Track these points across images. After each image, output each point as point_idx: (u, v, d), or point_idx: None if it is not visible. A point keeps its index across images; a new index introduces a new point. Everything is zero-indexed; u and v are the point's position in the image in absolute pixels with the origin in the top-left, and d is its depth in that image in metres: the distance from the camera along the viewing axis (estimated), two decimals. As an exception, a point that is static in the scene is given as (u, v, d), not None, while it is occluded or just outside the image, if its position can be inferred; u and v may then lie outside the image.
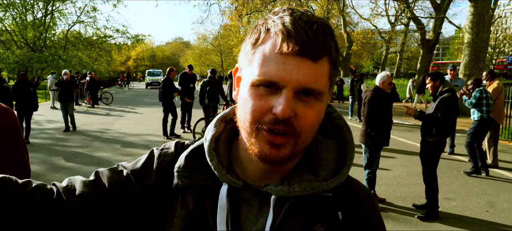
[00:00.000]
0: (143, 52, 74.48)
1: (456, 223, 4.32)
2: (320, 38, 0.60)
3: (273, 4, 21.36)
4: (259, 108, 0.62)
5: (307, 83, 0.60)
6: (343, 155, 0.73)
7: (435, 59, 60.42)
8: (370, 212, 0.74)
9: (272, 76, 0.60)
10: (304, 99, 0.62)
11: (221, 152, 0.72)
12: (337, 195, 0.70)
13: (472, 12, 13.81)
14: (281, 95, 0.60)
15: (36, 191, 0.69)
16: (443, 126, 4.40)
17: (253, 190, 0.71)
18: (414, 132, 10.57)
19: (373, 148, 4.77)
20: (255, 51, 0.64)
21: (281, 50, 0.60)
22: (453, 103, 4.36)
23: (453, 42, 55.55)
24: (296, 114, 0.61)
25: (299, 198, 0.68)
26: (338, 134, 0.75)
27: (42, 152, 7.79)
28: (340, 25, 33.33)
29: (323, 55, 0.61)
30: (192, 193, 0.72)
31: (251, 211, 0.70)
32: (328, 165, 0.70)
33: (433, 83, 4.57)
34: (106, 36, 36.75)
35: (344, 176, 0.70)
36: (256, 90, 0.62)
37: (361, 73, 14.91)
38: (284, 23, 0.60)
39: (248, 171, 0.71)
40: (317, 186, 0.67)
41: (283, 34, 0.60)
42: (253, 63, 0.63)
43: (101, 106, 18.23)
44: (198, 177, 0.71)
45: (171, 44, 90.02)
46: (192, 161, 0.73)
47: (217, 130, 0.74)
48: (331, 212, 0.70)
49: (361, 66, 57.50)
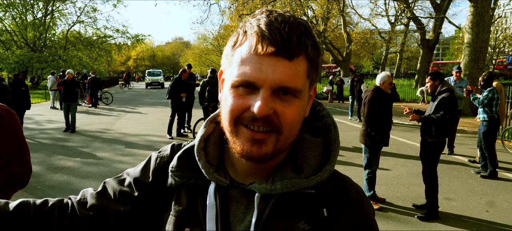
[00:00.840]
0: (143, 52, 74.51)
1: (456, 223, 4.32)
2: (294, 37, 0.61)
3: (273, 4, 21.36)
4: (238, 107, 0.64)
5: (283, 82, 0.62)
6: (328, 152, 0.74)
7: (435, 59, 60.43)
8: (357, 209, 0.73)
9: (249, 77, 0.62)
10: (283, 97, 0.63)
11: (210, 151, 0.75)
12: (321, 192, 0.71)
13: (472, 12, 13.82)
14: (259, 95, 0.62)
15: (53, 210, 0.77)
16: (442, 126, 4.40)
17: (240, 188, 0.72)
18: (414, 132, 10.57)
19: (373, 148, 4.77)
20: (233, 53, 0.66)
21: (257, 51, 0.62)
22: (452, 103, 4.36)
23: (453, 42, 55.53)
24: (275, 112, 0.63)
25: (283, 196, 0.69)
26: (326, 131, 0.77)
27: (42, 152, 7.79)
28: (340, 25, 33.33)
29: (298, 54, 0.62)
30: (186, 191, 0.76)
31: (239, 208, 0.72)
32: (311, 162, 0.71)
33: (433, 83, 4.58)
34: (106, 36, 36.78)
35: (325, 173, 0.70)
36: (236, 91, 0.64)
37: (361, 73, 14.92)
38: (259, 25, 0.62)
39: (236, 169, 0.74)
40: (298, 183, 0.68)
41: (258, 35, 0.62)
42: (232, 65, 0.66)
43: (101, 106, 18.23)
44: (190, 176, 0.74)
45: (171, 44, 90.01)
46: (184, 160, 0.76)
47: (207, 130, 0.77)
48: (316, 209, 0.70)
49: (361, 66, 57.50)
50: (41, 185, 5.61)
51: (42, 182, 5.76)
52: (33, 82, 36.48)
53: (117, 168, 6.56)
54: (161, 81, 39.00)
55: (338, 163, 6.89)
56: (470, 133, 10.60)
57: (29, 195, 5.11)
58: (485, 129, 6.24)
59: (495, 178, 6.06)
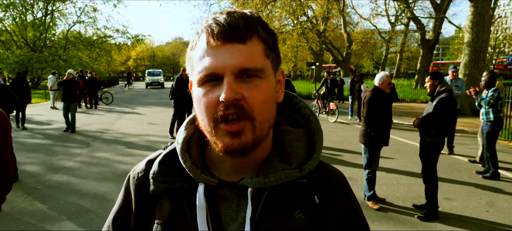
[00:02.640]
0: (143, 52, 74.44)
1: (456, 223, 4.31)
2: (241, 22, 0.64)
3: (273, 4, 21.35)
4: (210, 103, 0.65)
5: (242, 64, 0.64)
6: (312, 142, 0.76)
7: (435, 59, 60.37)
8: (344, 193, 0.78)
9: (209, 69, 0.64)
10: (248, 80, 0.65)
11: (194, 153, 0.74)
12: (311, 181, 0.73)
13: (472, 12, 13.81)
14: (223, 83, 0.63)
15: None
16: (441, 126, 4.41)
17: (229, 186, 0.72)
18: (414, 132, 10.56)
19: (373, 148, 4.77)
20: (191, 55, 0.69)
21: (210, 44, 0.65)
22: (451, 103, 4.37)
23: (453, 42, 55.53)
24: (243, 97, 0.64)
25: (275, 188, 0.70)
26: (306, 122, 0.79)
27: (41, 152, 7.78)
28: (340, 25, 33.32)
29: (250, 36, 0.65)
30: (169, 197, 0.73)
31: (230, 207, 0.71)
32: (299, 153, 0.73)
33: (432, 82, 4.58)
34: (106, 36, 36.76)
35: (315, 162, 0.73)
36: (203, 89, 0.66)
37: (361, 73, 14.90)
38: (207, 21, 0.66)
39: (222, 168, 0.73)
40: (291, 173, 0.70)
41: (207, 31, 0.65)
42: (193, 66, 0.68)
43: (101, 106, 18.22)
44: (174, 180, 0.73)
45: (171, 44, 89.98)
46: (166, 165, 0.74)
47: (188, 132, 0.76)
48: (308, 197, 0.72)
49: (361, 66, 57.48)
50: (41, 185, 5.60)
51: (42, 182, 5.75)
52: (33, 82, 36.48)
53: (117, 168, 6.56)
54: (161, 81, 38.96)
55: (338, 163, 6.88)
56: (470, 133, 10.59)
57: (28, 196, 5.10)
58: (489, 129, 6.19)
59: (497, 179, 6.03)
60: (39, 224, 4.19)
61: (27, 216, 4.41)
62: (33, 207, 4.70)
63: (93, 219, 4.33)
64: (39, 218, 4.37)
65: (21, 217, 4.38)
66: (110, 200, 4.94)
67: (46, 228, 4.11)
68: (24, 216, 4.42)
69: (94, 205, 4.78)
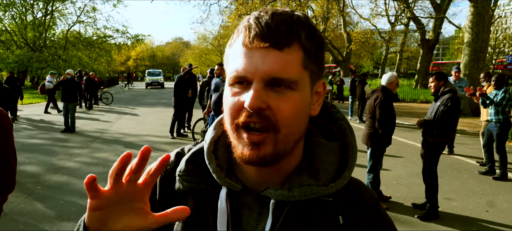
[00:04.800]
0: (143, 52, 74.45)
1: (456, 223, 4.31)
2: (283, 27, 0.60)
3: (273, 4, 21.36)
4: (234, 106, 0.63)
5: (274, 73, 0.60)
6: (345, 157, 0.71)
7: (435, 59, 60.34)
8: (372, 214, 0.73)
9: (240, 71, 0.61)
10: (278, 90, 0.61)
11: (220, 154, 0.71)
12: (338, 199, 0.69)
13: (472, 12, 13.81)
14: (251, 88, 0.60)
15: None
16: (444, 127, 4.40)
17: (253, 193, 0.69)
18: (414, 132, 10.56)
19: (380, 150, 4.75)
20: (228, 52, 0.66)
21: (246, 45, 0.62)
22: (455, 104, 4.36)
23: (453, 42, 55.54)
24: (270, 106, 0.60)
25: (298, 202, 0.67)
26: (341, 135, 0.74)
27: (41, 152, 7.78)
28: (340, 25, 33.30)
29: (289, 44, 0.61)
30: (193, 197, 0.72)
31: (251, 216, 0.69)
32: (328, 169, 0.69)
33: (437, 83, 4.57)
34: (106, 36, 36.77)
35: (345, 180, 0.68)
36: (232, 89, 0.64)
37: (364, 73, 14.81)
38: (249, 20, 0.63)
39: (247, 174, 0.70)
40: (317, 190, 0.66)
41: (246, 30, 0.62)
42: (228, 64, 0.66)
43: (101, 107, 18.21)
44: (199, 181, 0.70)
45: (171, 44, 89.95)
46: (192, 164, 0.72)
47: (216, 132, 0.73)
48: (332, 217, 0.68)
49: (361, 66, 57.47)
50: (40, 185, 5.60)
51: (42, 182, 5.75)
52: (33, 83, 36.46)
53: (117, 168, 6.54)
54: (161, 81, 38.92)
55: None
56: (470, 133, 10.59)
57: (28, 196, 5.10)
58: (499, 130, 6.13)
59: (505, 179, 5.99)
60: (38, 224, 4.19)
61: (27, 216, 4.41)
62: (33, 207, 4.69)
63: (92, 219, 4.32)
64: (38, 218, 4.37)
65: (20, 217, 4.38)
66: (110, 200, 4.93)
67: (45, 228, 4.11)
68: (23, 216, 4.41)
69: (93, 205, 4.78)
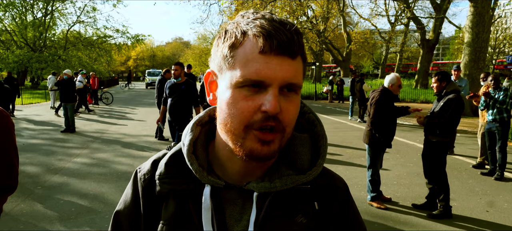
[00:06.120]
0: (143, 52, 74.47)
1: (456, 223, 4.31)
2: (295, 37, 0.65)
3: (273, 4, 21.36)
4: (248, 109, 0.64)
5: (290, 79, 0.64)
6: (316, 147, 0.77)
7: (435, 59, 60.40)
8: (344, 198, 0.80)
9: (258, 76, 0.63)
10: (287, 94, 0.65)
11: (200, 155, 0.74)
12: (314, 186, 0.75)
13: (472, 12, 13.82)
14: (268, 93, 0.63)
15: None
16: (447, 126, 4.41)
17: (235, 188, 0.73)
18: (414, 132, 10.57)
19: (376, 148, 4.76)
20: (234, 54, 0.65)
21: (264, 50, 0.63)
22: (459, 104, 4.36)
23: (453, 42, 55.53)
24: (281, 109, 0.64)
25: (279, 192, 0.72)
26: (310, 127, 0.79)
27: (41, 153, 7.78)
28: (340, 25, 33.33)
29: (298, 54, 0.66)
30: (174, 198, 0.74)
31: (234, 209, 0.73)
32: (303, 158, 0.74)
33: (439, 84, 4.57)
34: (106, 36, 36.76)
35: (319, 168, 0.74)
36: (241, 92, 0.64)
37: (362, 73, 14.87)
38: (262, 25, 0.64)
39: (228, 171, 0.74)
40: (296, 179, 0.71)
41: (263, 35, 0.63)
42: (234, 66, 0.65)
43: (101, 107, 18.20)
44: (180, 182, 0.73)
45: (171, 44, 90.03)
46: (172, 166, 0.75)
47: (194, 134, 0.76)
48: (310, 203, 0.74)
49: (361, 66, 57.47)
50: (40, 186, 5.60)
51: (41, 182, 5.75)
52: (33, 83, 36.46)
53: (117, 169, 6.55)
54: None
55: (338, 163, 6.88)
56: (470, 133, 10.59)
57: (28, 196, 5.10)
58: (502, 129, 6.10)
59: (502, 179, 6.00)
60: (38, 224, 4.19)
61: (27, 216, 4.40)
62: (33, 208, 4.69)
63: (93, 219, 4.33)
64: (38, 218, 4.37)
65: (20, 217, 4.38)
66: (110, 200, 4.93)
67: (45, 228, 4.11)
68: (23, 216, 4.41)
69: (94, 205, 4.78)
